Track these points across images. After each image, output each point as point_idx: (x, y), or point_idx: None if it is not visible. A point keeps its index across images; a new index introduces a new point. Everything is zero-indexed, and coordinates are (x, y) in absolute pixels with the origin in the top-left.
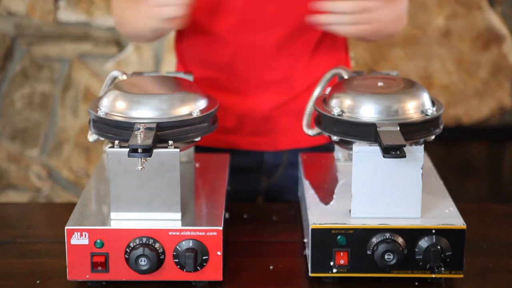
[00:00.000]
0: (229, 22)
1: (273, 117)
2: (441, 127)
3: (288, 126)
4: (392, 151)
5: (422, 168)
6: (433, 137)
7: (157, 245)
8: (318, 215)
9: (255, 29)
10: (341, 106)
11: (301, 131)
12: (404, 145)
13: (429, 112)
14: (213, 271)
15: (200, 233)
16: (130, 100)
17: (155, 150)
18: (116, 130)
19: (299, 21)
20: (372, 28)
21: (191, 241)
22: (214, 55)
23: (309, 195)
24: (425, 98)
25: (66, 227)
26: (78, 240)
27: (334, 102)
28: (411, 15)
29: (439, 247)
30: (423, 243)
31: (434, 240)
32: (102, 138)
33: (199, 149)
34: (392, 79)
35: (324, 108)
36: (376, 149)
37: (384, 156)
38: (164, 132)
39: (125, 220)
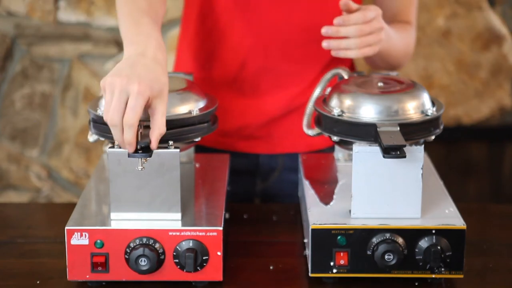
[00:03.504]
0: (238, 25)
1: (274, 122)
2: (441, 127)
3: (287, 130)
4: (392, 151)
5: (422, 168)
6: (433, 137)
7: (157, 245)
8: (318, 215)
9: (264, 35)
10: (341, 106)
11: (299, 136)
12: (404, 145)
13: (429, 112)
14: (213, 271)
15: (200, 233)
16: None
17: (155, 150)
18: None
19: (307, 30)
20: (376, 50)
21: (191, 241)
22: (221, 58)
23: (309, 195)
24: (425, 98)
25: (66, 227)
26: (78, 240)
27: (334, 102)
28: None
29: (439, 247)
30: (423, 243)
31: (434, 240)
32: (102, 138)
33: (196, 147)
34: (392, 79)
35: (324, 108)
36: (376, 149)
37: (384, 156)
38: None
39: (125, 220)
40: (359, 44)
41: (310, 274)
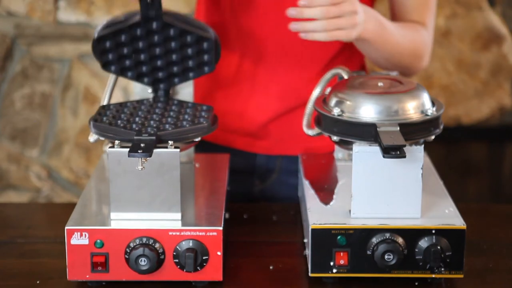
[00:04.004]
0: (238, 22)
1: (273, 121)
2: (441, 127)
3: (286, 132)
4: (392, 151)
5: (422, 168)
6: (433, 137)
7: (157, 245)
8: (318, 215)
9: (263, 31)
10: (341, 106)
11: (298, 139)
12: (404, 145)
13: (429, 112)
14: (213, 271)
15: (200, 233)
16: None
17: (155, 150)
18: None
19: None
20: (351, 35)
21: (191, 241)
22: (222, 54)
23: (309, 195)
24: (425, 98)
25: (66, 227)
26: (78, 240)
27: (334, 102)
28: None
29: (439, 247)
30: (423, 243)
31: (434, 240)
32: (102, 138)
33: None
34: (392, 79)
35: (324, 108)
36: (376, 149)
37: (384, 156)
38: (164, 132)
39: (125, 220)
40: (326, 26)
41: (310, 274)
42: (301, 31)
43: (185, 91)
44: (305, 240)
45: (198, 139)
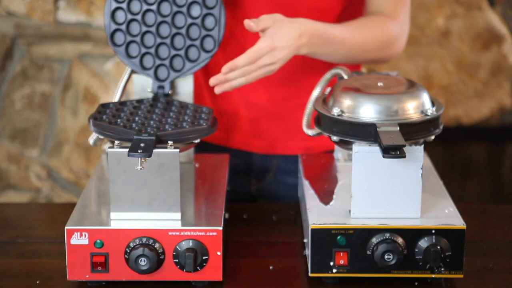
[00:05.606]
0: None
1: (270, 120)
2: (441, 127)
3: (281, 131)
4: (392, 151)
5: (422, 168)
6: (433, 137)
7: (157, 245)
8: (318, 215)
9: (246, 35)
10: (341, 106)
11: (293, 138)
12: (404, 145)
13: (429, 112)
14: (213, 271)
15: (200, 233)
16: None
17: (155, 150)
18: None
19: None
20: (269, 74)
21: (191, 241)
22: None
23: (309, 195)
24: (425, 98)
25: (66, 227)
26: (78, 240)
27: (333, 102)
28: (411, 15)
29: (439, 247)
30: (423, 243)
31: (434, 240)
32: (101, 137)
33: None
34: (392, 79)
35: (324, 108)
36: (376, 149)
37: (384, 156)
38: (164, 133)
39: (125, 220)
40: (248, 80)
41: (310, 274)
42: (229, 90)
43: (185, 92)
44: (305, 240)
45: (197, 141)
